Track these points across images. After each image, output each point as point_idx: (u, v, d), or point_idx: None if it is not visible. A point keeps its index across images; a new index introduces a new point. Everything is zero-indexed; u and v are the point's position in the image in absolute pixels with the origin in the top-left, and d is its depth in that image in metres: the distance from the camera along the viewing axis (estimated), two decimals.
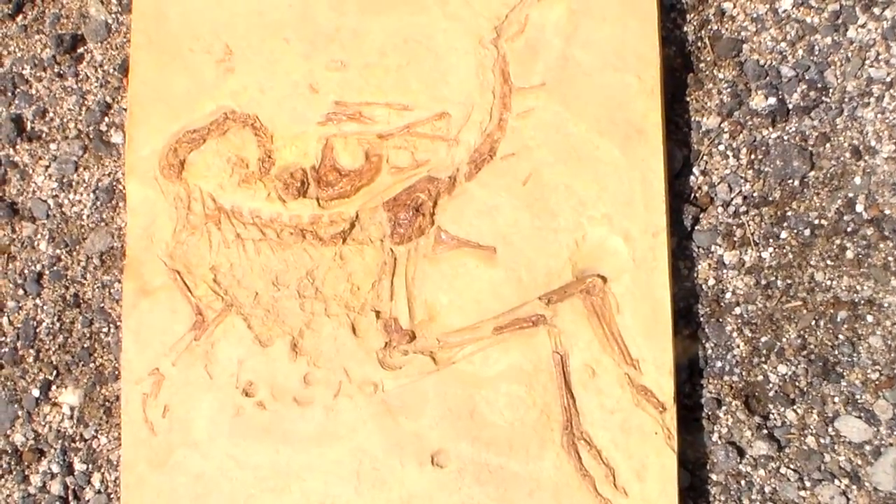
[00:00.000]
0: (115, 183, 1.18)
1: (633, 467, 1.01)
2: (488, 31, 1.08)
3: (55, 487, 1.13)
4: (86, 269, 1.17)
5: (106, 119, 1.20)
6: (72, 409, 1.15)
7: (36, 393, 1.15)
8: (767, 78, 1.12)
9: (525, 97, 1.07)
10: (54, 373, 1.16)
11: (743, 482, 1.06)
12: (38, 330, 1.17)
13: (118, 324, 1.15)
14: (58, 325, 1.16)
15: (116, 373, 1.14)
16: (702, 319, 1.09)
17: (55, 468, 1.14)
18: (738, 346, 1.08)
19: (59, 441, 1.14)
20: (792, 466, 1.05)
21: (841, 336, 1.06)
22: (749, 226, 1.09)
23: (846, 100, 1.10)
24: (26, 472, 1.14)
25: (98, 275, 1.17)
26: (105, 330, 1.16)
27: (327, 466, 1.04)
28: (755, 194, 1.10)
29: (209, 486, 1.05)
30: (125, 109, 1.17)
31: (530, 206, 1.05)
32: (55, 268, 1.17)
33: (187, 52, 1.11)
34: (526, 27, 1.08)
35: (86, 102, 1.20)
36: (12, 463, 1.14)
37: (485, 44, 1.08)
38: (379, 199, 1.07)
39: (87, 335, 1.16)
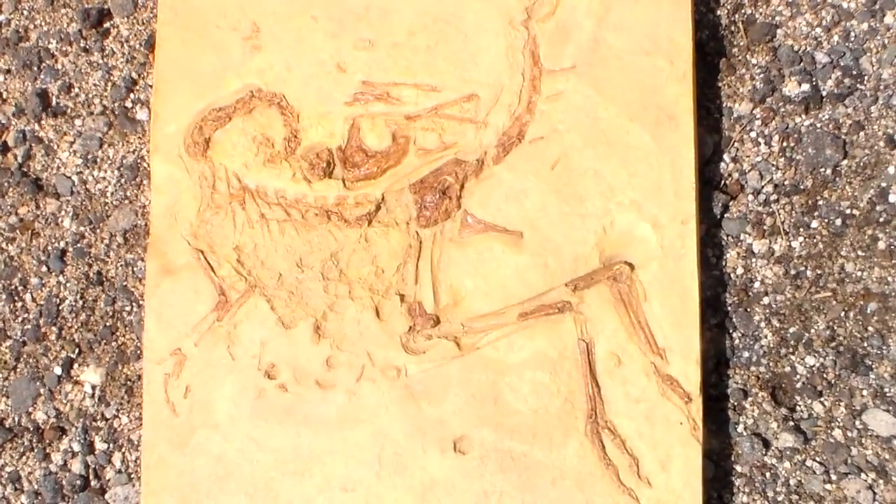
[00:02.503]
0: (139, 160, 1.18)
1: (657, 457, 1.00)
2: (519, 12, 1.06)
3: (76, 466, 1.13)
4: (109, 246, 1.17)
5: (131, 95, 1.19)
6: (93, 387, 1.15)
7: (58, 371, 1.15)
8: (801, 64, 1.10)
9: (555, 80, 1.05)
10: (76, 351, 1.15)
11: (768, 474, 1.05)
12: (60, 307, 1.16)
13: (141, 303, 1.15)
14: (80, 302, 1.16)
15: (138, 352, 1.14)
16: (729, 309, 1.08)
17: (76, 447, 1.14)
18: (766, 337, 1.07)
19: (81, 420, 1.14)
20: (818, 459, 1.04)
21: (870, 328, 1.05)
22: (779, 214, 1.08)
23: (881, 87, 1.08)
24: (47, 450, 1.14)
25: (121, 253, 1.16)
26: (127, 309, 1.16)
27: (349, 450, 1.04)
28: (786, 182, 1.08)
29: (230, 467, 1.04)
30: (151, 86, 1.17)
31: (558, 191, 1.04)
32: (78, 245, 1.17)
33: (214, 28, 1.10)
34: (557, 8, 1.06)
35: (111, 78, 1.20)
36: (34, 440, 1.14)
37: (515, 25, 1.06)
38: (405, 181, 1.06)
39: (110, 313, 1.16)
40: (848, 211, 1.07)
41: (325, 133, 1.08)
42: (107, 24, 1.21)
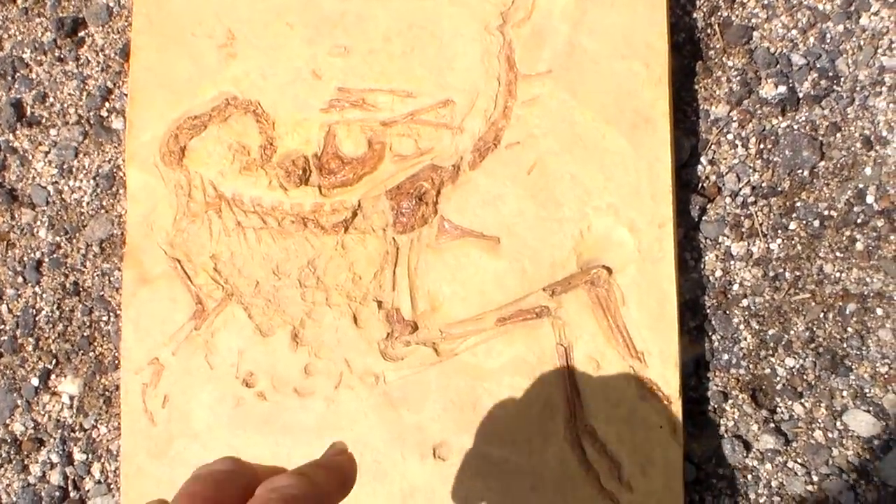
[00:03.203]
0: (115, 169, 1.17)
1: (637, 461, 1.00)
2: (494, 17, 1.06)
3: (55, 477, 1.12)
4: (85, 256, 1.16)
5: (107, 104, 1.19)
6: (71, 398, 1.14)
7: (35, 382, 1.14)
8: (778, 66, 1.10)
9: (531, 85, 1.05)
10: (54, 362, 1.15)
11: (749, 476, 1.04)
12: (37, 318, 1.16)
13: (118, 312, 1.14)
14: (57, 313, 1.16)
15: (116, 362, 1.13)
16: (708, 311, 1.07)
17: (55, 458, 1.13)
18: (746, 339, 1.06)
19: (59, 431, 1.14)
20: (799, 461, 1.04)
21: (850, 329, 1.05)
22: (757, 216, 1.07)
23: (858, 89, 1.08)
24: (25, 462, 1.13)
25: (98, 263, 1.16)
26: (105, 318, 1.15)
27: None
28: (764, 184, 1.08)
29: None
30: (126, 95, 1.16)
31: (535, 196, 1.03)
32: (55, 255, 1.16)
33: (189, 36, 1.10)
34: (532, 13, 1.06)
35: (86, 87, 1.19)
36: (11, 452, 1.14)
37: (490, 30, 1.06)
38: (382, 187, 1.05)
39: (87, 324, 1.15)
40: (826, 212, 1.06)
41: (300, 140, 1.07)
42: (81, 33, 1.20)
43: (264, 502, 0.60)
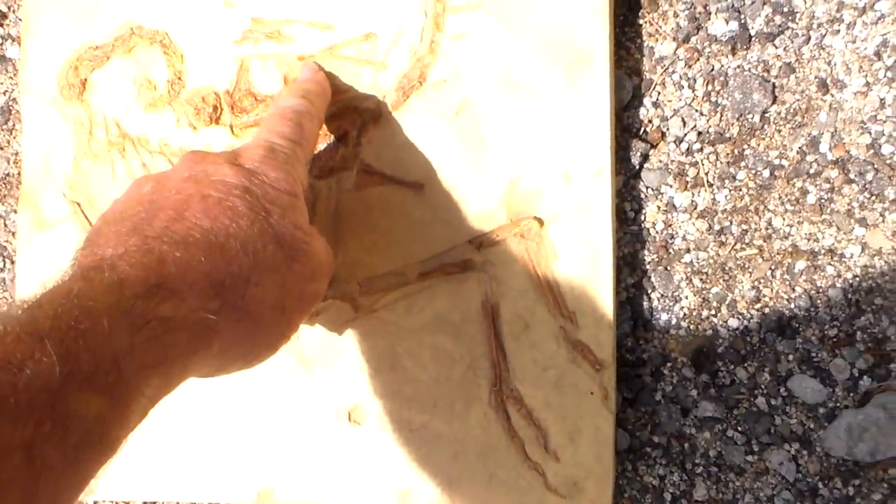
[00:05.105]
0: (11, 102, 1.08)
1: (565, 429, 0.93)
2: None
3: None
4: None
5: (0, 30, 1.09)
6: None
7: None
8: (729, 0, 1.01)
9: (460, 17, 0.96)
10: None
11: (686, 445, 0.98)
12: None
13: (14, 259, 1.06)
14: None
15: None
16: (648, 267, 1.00)
17: None
18: (687, 298, 0.99)
19: None
20: (739, 429, 0.97)
21: (798, 288, 0.97)
22: (703, 165, 0.99)
23: (814, 26, 0.99)
24: None
25: None
26: (0, 266, 1.07)
27: (236, 420, 0.97)
28: (711, 130, 1.00)
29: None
30: (21, 20, 1.07)
31: (462, 140, 0.95)
32: None
33: None
34: None
35: None
36: None
37: None
38: None
39: None
40: (776, 161, 0.98)
41: (211, 75, 0.99)
42: None
43: (280, 116, 0.80)
